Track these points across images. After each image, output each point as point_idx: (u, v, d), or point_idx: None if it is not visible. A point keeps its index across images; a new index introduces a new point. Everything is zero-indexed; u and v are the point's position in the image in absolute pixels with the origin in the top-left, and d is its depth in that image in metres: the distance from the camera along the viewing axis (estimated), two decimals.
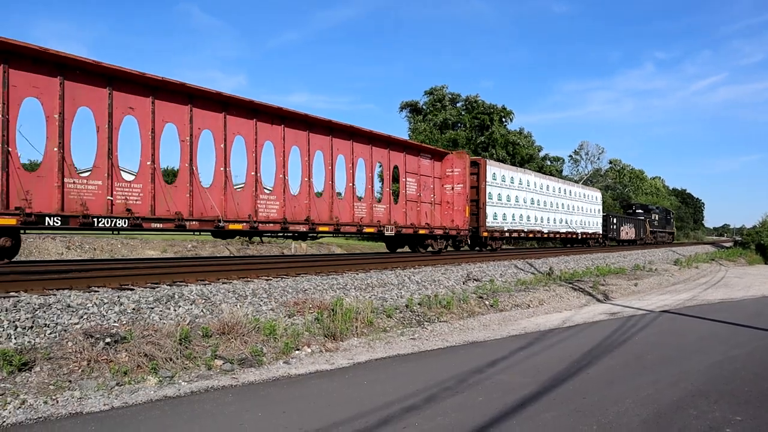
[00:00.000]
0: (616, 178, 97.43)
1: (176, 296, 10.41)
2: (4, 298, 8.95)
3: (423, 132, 62.25)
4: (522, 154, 65.15)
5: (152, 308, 9.66)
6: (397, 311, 12.33)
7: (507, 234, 30.28)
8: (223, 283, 12.25)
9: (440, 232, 24.80)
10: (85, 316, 8.77)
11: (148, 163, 13.90)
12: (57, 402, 6.45)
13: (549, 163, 78.25)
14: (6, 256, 11.85)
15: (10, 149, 11.45)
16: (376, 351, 9.67)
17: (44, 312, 8.55)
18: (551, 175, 54.40)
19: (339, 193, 20.13)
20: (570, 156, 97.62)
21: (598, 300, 17.47)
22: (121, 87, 13.29)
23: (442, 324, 12.25)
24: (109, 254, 29.85)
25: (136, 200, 13.62)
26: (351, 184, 20.41)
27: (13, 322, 8.02)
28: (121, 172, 13.42)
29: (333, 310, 10.63)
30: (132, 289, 10.61)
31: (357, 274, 15.57)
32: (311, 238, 19.77)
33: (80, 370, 7.22)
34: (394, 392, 7.13)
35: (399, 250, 27.03)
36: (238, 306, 10.47)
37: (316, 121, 18.91)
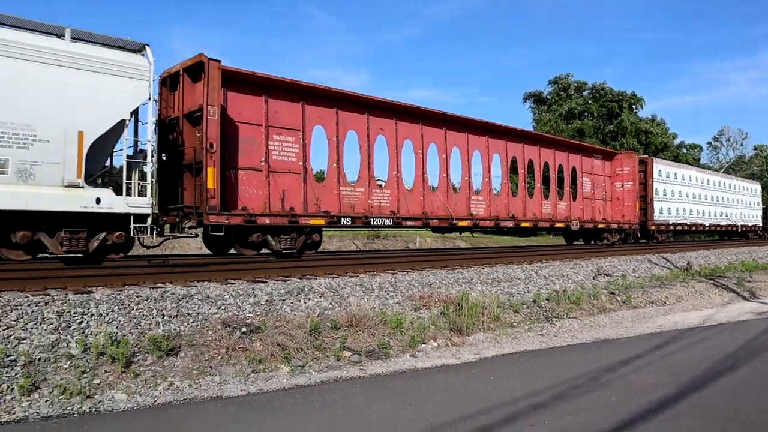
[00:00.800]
0: (763, 165, 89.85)
1: (306, 289, 10.79)
2: (153, 288, 9.66)
3: (548, 123, 60.50)
4: (656, 143, 61.76)
5: (284, 300, 10.07)
6: (524, 306, 12.11)
7: (672, 227, 31.49)
8: (350, 276, 12.55)
9: (615, 226, 26.96)
10: (223, 307, 9.29)
11: (394, 173, 16.58)
12: (200, 386, 6.89)
13: (685, 151, 73.49)
14: (311, 247, 14.84)
15: (307, 166, 14.22)
16: (502, 346, 9.56)
17: (187, 302, 9.14)
18: (687, 163, 51.21)
19: (530, 194, 22.72)
20: (709, 143, 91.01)
21: (744, 298, 16.27)
22: (374, 112, 16.04)
23: (571, 320, 11.90)
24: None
25: (386, 203, 16.19)
26: (539, 185, 22.96)
27: (161, 311, 8.64)
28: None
29: (459, 304, 10.61)
30: (265, 282, 11.10)
31: (482, 268, 15.44)
32: (517, 233, 22.91)
33: (219, 357, 7.66)
34: (521, 388, 7.02)
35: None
36: (365, 299, 10.69)
37: (498, 128, 21.21)
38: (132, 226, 10.87)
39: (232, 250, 14.63)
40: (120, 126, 10.82)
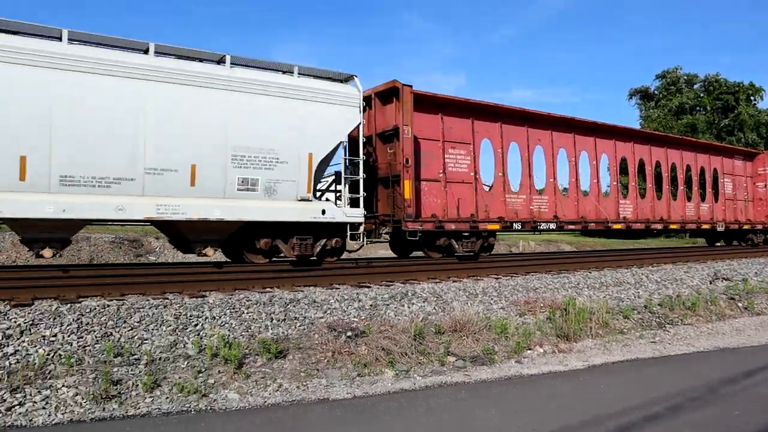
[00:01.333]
0: None
1: (409, 294, 10.85)
2: (261, 293, 10.01)
3: (656, 119, 57.64)
4: None
5: (387, 305, 10.17)
6: (635, 312, 11.63)
7: None
8: (453, 281, 12.50)
9: (760, 226, 26.48)
10: (328, 311, 9.50)
11: (551, 180, 17.20)
12: (307, 388, 7.07)
13: None
14: (487, 250, 15.71)
15: (477, 176, 15.11)
16: (612, 353, 9.22)
17: (294, 306, 9.41)
18: None
19: (674, 196, 22.84)
20: None
21: None
22: (532, 125, 16.75)
23: (687, 327, 11.31)
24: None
25: (545, 209, 16.82)
26: (683, 188, 22.78)
27: (269, 315, 8.95)
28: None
29: (565, 309, 10.33)
30: (369, 287, 11.25)
31: (589, 272, 14.96)
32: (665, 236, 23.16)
33: (326, 361, 7.83)
34: (633, 398, 6.74)
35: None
36: (469, 304, 10.61)
37: (642, 134, 22.01)
38: (348, 233, 12.51)
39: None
40: (337, 147, 12.49)
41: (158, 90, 10.20)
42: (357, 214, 12.42)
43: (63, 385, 6.40)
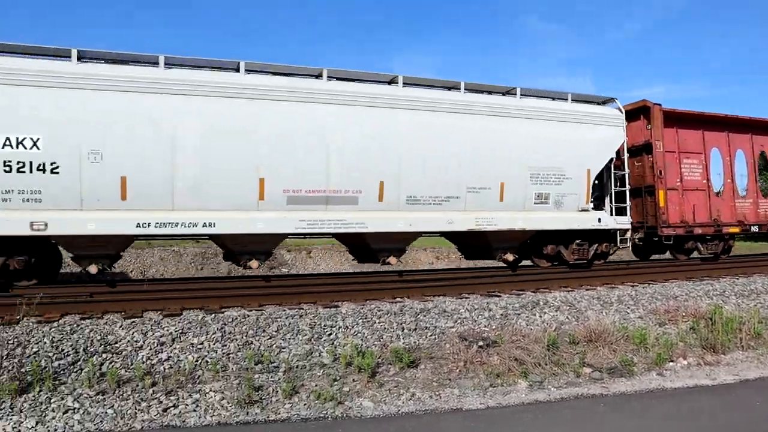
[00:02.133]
0: None
1: (541, 303, 10.61)
2: (392, 303, 10.16)
3: None
4: None
5: (518, 314, 10.00)
6: None
7: None
8: (586, 289, 12.08)
9: None
10: (458, 321, 9.47)
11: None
12: (440, 397, 7.08)
13: None
14: (726, 252, 16.93)
15: (709, 183, 15.95)
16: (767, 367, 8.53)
17: (424, 316, 9.48)
18: None
19: None
20: None
21: None
22: (756, 132, 17.25)
23: None
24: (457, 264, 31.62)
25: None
26: None
27: (400, 324, 9.06)
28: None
29: (710, 319, 9.67)
30: (498, 296, 11.11)
31: (736, 278, 13.95)
32: None
33: (458, 370, 7.81)
34: None
35: None
36: (604, 313, 10.21)
37: None
38: (618, 239, 14.01)
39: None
40: (609, 163, 13.85)
41: (471, 122, 12.06)
42: (625, 222, 14.00)
43: (210, 390, 6.81)
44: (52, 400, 6.40)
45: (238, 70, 10.67)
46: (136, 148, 9.77)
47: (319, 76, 11.24)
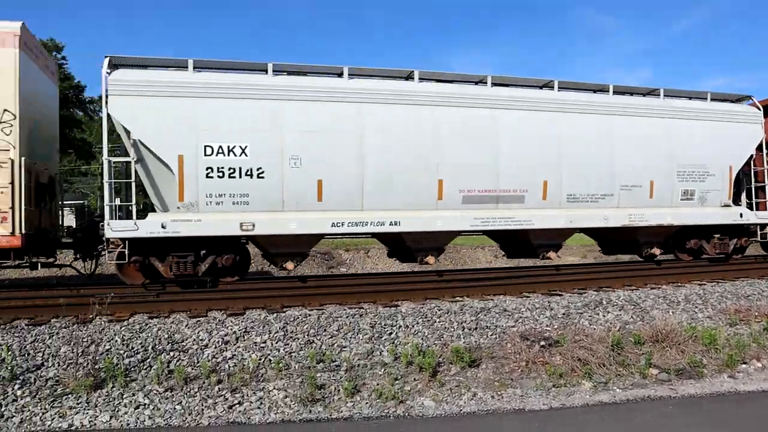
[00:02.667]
0: None
1: (604, 302, 10.39)
2: (452, 302, 10.13)
3: None
4: None
5: (581, 313, 9.82)
6: None
7: None
8: (651, 288, 11.77)
9: None
10: (519, 320, 9.37)
11: None
12: (502, 397, 7.01)
13: None
14: None
15: None
16: None
17: (485, 315, 9.41)
18: None
19: None
20: None
21: None
22: None
23: None
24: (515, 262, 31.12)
25: None
26: None
27: (461, 323, 9.02)
28: None
29: None
30: (560, 295, 10.94)
31: None
32: None
33: (519, 370, 7.72)
34: None
35: None
36: (670, 312, 9.93)
37: None
38: (759, 233, 14.37)
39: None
40: (749, 159, 14.26)
41: (624, 123, 12.73)
42: (765, 217, 14.26)
43: (274, 388, 6.93)
44: (124, 396, 6.64)
45: (412, 78, 11.63)
46: (330, 154, 10.72)
47: (481, 82, 12.21)
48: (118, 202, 10.36)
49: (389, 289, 10.89)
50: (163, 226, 9.99)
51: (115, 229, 9.87)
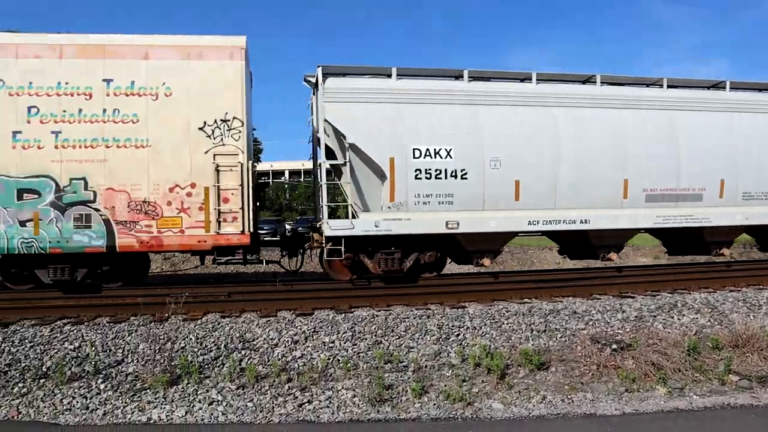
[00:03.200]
0: None
1: (678, 304, 10.05)
2: (520, 304, 10.01)
3: None
4: None
5: (654, 316, 9.53)
6: None
7: None
8: (729, 290, 11.31)
9: None
10: (590, 323, 9.17)
11: None
12: (572, 401, 6.88)
13: None
14: None
15: None
16: None
17: (554, 317, 9.26)
18: None
19: None
20: None
21: None
22: None
23: None
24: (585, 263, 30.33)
25: None
26: None
27: (529, 325, 8.91)
28: None
29: None
30: (632, 297, 10.66)
31: None
32: None
33: (590, 374, 7.56)
34: None
35: None
36: (751, 316, 9.53)
37: None
38: None
39: None
40: None
41: None
42: None
43: (342, 387, 7.02)
44: (198, 392, 6.86)
45: (594, 82, 12.12)
46: (526, 155, 11.42)
47: (655, 84, 12.59)
48: (327, 203, 11.15)
49: (456, 290, 10.87)
50: (376, 225, 10.94)
51: (333, 227, 10.85)
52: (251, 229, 10.89)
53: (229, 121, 10.83)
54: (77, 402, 6.65)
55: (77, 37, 10.87)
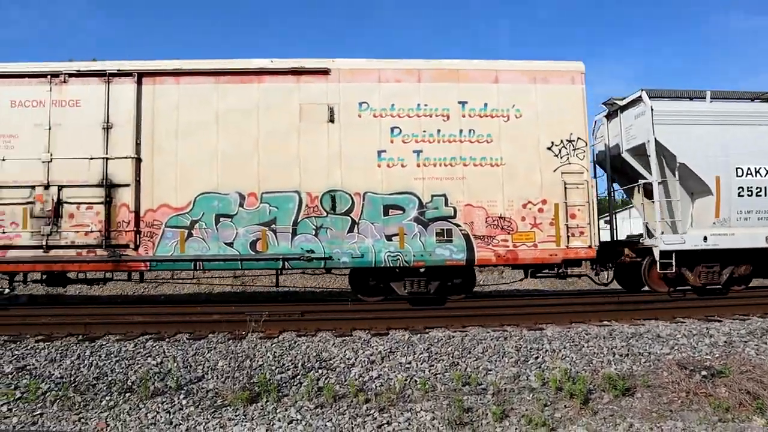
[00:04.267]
0: None
1: None
2: (600, 326, 9.71)
3: None
4: None
5: (745, 342, 9.07)
6: None
7: None
8: None
9: None
10: (675, 347, 8.80)
11: None
12: (661, 430, 6.57)
13: None
14: None
15: None
16: None
17: (636, 341, 8.93)
18: None
19: None
20: None
21: None
22: None
23: None
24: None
25: None
26: None
27: (611, 349, 8.61)
28: None
29: None
30: (719, 321, 10.20)
31: None
32: None
33: (679, 401, 7.21)
34: None
35: None
36: None
37: None
38: None
39: None
40: None
41: None
42: None
43: (421, 409, 6.91)
44: (277, 410, 6.88)
45: None
46: None
47: None
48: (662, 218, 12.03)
49: (532, 312, 10.65)
50: (704, 240, 11.77)
51: (667, 242, 11.67)
52: (597, 243, 11.49)
53: (574, 141, 11.59)
54: (161, 417, 6.77)
55: (432, 62, 11.74)
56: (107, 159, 10.86)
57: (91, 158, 10.86)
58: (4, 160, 10.73)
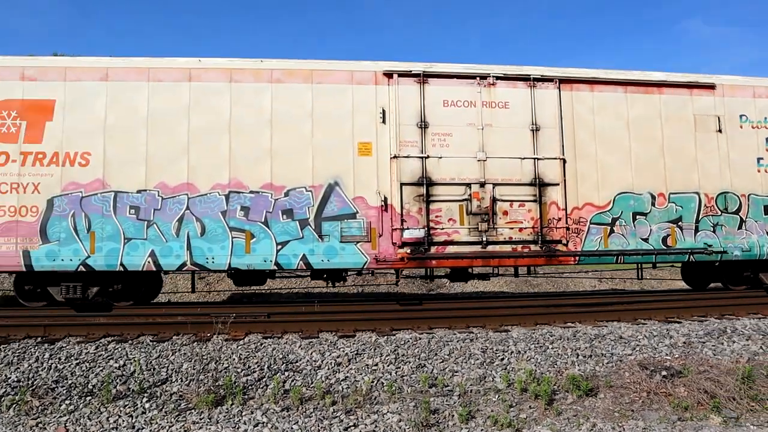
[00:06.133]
0: None
1: (728, 330, 9.80)
2: (564, 328, 9.84)
3: None
4: None
5: (703, 342, 9.29)
6: None
7: None
8: None
9: None
10: (636, 348, 8.97)
11: None
12: (623, 429, 6.68)
13: None
14: None
15: None
16: None
17: (599, 342, 9.08)
18: None
19: None
20: None
21: None
22: None
23: None
24: (624, 284, 29.80)
25: None
26: None
27: (575, 350, 8.74)
28: None
29: None
30: (679, 322, 10.42)
31: None
32: None
33: (640, 401, 7.36)
34: None
35: None
36: None
37: None
38: None
39: None
40: None
41: None
42: None
43: (388, 411, 6.93)
44: (243, 413, 6.83)
45: None
46: None
47: None
48: None
49: (498, 314, 10.74)
50: None
51: None
52: None
53: None
54: (123, 421, 6.67)
55: None
56: (537, 159, 11.54)
57: (523, 158, 11.51)
58: (441, 158, 11.14)
